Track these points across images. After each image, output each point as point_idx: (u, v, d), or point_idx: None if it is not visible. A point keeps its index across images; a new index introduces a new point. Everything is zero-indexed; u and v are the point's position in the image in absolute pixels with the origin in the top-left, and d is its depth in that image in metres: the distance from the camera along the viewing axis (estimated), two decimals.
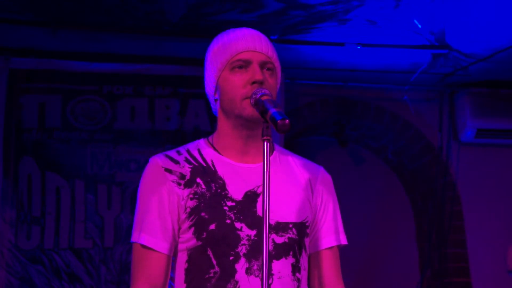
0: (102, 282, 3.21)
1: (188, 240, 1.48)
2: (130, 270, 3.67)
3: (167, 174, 1.50)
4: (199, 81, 3.50)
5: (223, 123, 1.54)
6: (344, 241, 1.59)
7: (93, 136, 3.34)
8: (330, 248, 1.57)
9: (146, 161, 1.57)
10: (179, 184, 1.49)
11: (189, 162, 1.52)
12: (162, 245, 1.48)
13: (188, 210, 1.48)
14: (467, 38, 3.21)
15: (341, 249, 1.60)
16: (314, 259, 1.57)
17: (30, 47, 3.27)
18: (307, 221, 1.53)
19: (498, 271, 3.72)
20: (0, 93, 3.24)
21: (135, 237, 1.50)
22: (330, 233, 1.57)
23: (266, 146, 1.32)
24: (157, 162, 1.51)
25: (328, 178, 1.60)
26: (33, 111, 3.30)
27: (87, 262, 3.22)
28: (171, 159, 1.52)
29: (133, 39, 3.20)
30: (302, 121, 3.69)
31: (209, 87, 1.55)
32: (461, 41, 3.24)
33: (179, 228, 1.49)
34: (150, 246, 1.48)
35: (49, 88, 3.32)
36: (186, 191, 1.49)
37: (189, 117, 3.42)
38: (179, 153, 1.54)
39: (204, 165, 1.52)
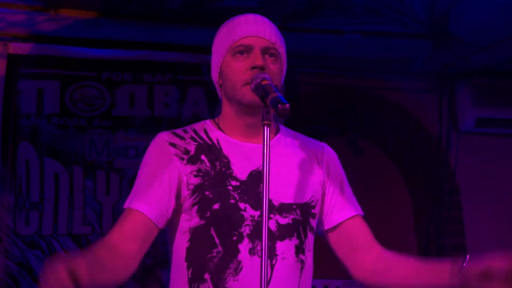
0: None
1: (190, 219, 1.47)
2: None
3: (171, 148, 1.51)
4: (199, 68, 3.54)
5: (227, 108, 1.56)
6: (360, 211, 1.61)
7: (91, 123, 3.34)
8: (352, 217, 1.58)
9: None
10: (182, 158, 1.50)
11: (195, 140, 1.53)
12: (152, 213, 1.47)
13: (191, 187, 1.48)
14: (468, 27, 3.20)
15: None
16: (339, 231, 1.57)
17: (30, 33, 3.26)
18: (312, 201, 1.53)
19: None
20: None
21: (127, 203, 1.50)
22: (347, 204, 1.59)
23: (266, 130, 1.32)
24: (162, 137, 1.53)
25: (333, 154, 1.62)
26: (31, 96, 3.29)
27: (85, 248, 3.24)
28: (177, 135, 1.54)
29: (133, 26, 3.19)
30: (302, 110, 3.70)
31: (214, 72, 1.56)
32: (462, 30, 3.22)
33: (181, 205, 1.49)
34: (139, 209, 1.47)
35: (48, 74, 3.32)
36: (189, 167, 1.49)
37: (188, 104, 3.43)
38: (185, 131, 1.56)
39: (210, 143, 1.53)
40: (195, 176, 1.49)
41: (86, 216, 3.26)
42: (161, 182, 1.48)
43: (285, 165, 1.53)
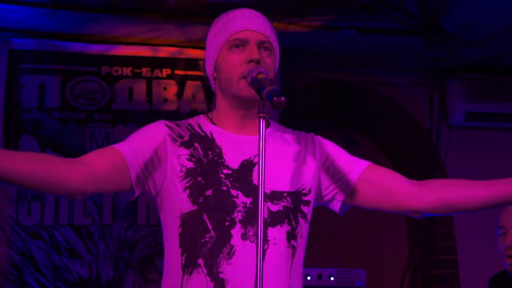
0: (100, 258, 3.28)
1: (181, 203, 1.49)
2: (127, 247, 3.60)
3: (167, 128, 1.54)
4: (196, 63, 3.55)
5: (221, 101, 1.57)
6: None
7: (92, 116, 3.39)
8: (368, 167, 1.59)
9: None
10: (175, 140, 1.52)
11: (189, 130, 1.57)
12: (130, 157, 1.47)
13: (184, 170, 1.50)
14: (459, 24, 3.24)
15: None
16: (364, 183, 1.58)
17: (30, 29, 3.29)
18: (303, 189, 1.55)
19: (484, 248, 3.75)
20: (1, 73, 3.27)
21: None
22: (357, 161, 1.60)
23: (262, 123, 1.34)
24: (161, 120, 1.57)
25: (320, 138, 1.64)
26: (33, 91, 3.33)
27: (86, 238, 3.29)
28: (174, 122, 1.58)
29: (131, 21, 3.23)
30: (298, 104, 3.73)
31: (209, 66, 1.58)
32: (454, 27, 3.27)
33: (169, 188, 1.50)
34: (118, 148, 1.48)
35: (49, 69, 3.35)
36: (182, 150, 1.51)
37: (186, 99, 3.47)
38: (180, 123, 1.59)
39: (203, 135, 1.56)
40: (188, 160, 1.50)
41: (86, 208, 3.31)
42: (146, 144, 1.50)
43: (277, 156, 1.55)
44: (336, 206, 1.61)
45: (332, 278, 3.42)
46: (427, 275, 3.85)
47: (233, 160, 1.52)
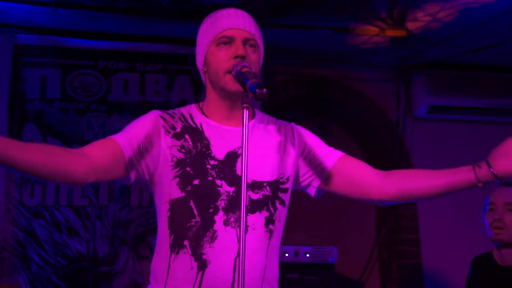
0: (97, 236, 3.44)
1: (171, 190, 1.57)
2: (121, 225, 3.74)
3: (161, 120, 1.62)
4: (186, 58, 3.79)
5: (210, 93, 1.66)
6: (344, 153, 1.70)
7: (89, 107, 3.54)
8: (342, 157, 1.68)
9: None
10: (168, 132, 1.60)
11: (182, 121, 1.65)
12: (127, 149, 1.54)
13: (174, 159, 1.58)
14: (424, 25, 3.44)
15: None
16: (337, 174, 1.65)
17: (34, 25, 3.41)
18: (281, 178, 1.64)
19: (443, 229, 4.04)
20: (6, 66, 3.42)
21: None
22: (331, 151, 1.69)
23: (245, 113, 1.40)
24: (155, 111, 1.66)
25: (300, 128, 1.73)
26: (35, 83, 3.48)
27: (84, 218, 3.44)
28: (168, 113, 1.66)
29: (127, 19, 3.37)
30: (277, 97, 3.90)
31: (199, 61, 1.67)
32: (418, 27, 3.47)
33: (161, 175, 1.58)
34: (116, 140, 1.56)
35: (50, 63, 3.50)
36: (174, 141, 1.60)
37: (176, 91, 3.63)
38: (174, 113, 1.67)
39: (194, 126, 1.64)
40: (179, 151, 1.58)
41: (84, 190, 3.47)
42: (142, 135, 1.56)
43: (259, 147, 1.62)
44: (312, 191, 1.70)
45: (307, 255, 3.54)
46: (392, 251, 4.06)
47: (219, 151, 1.60)
